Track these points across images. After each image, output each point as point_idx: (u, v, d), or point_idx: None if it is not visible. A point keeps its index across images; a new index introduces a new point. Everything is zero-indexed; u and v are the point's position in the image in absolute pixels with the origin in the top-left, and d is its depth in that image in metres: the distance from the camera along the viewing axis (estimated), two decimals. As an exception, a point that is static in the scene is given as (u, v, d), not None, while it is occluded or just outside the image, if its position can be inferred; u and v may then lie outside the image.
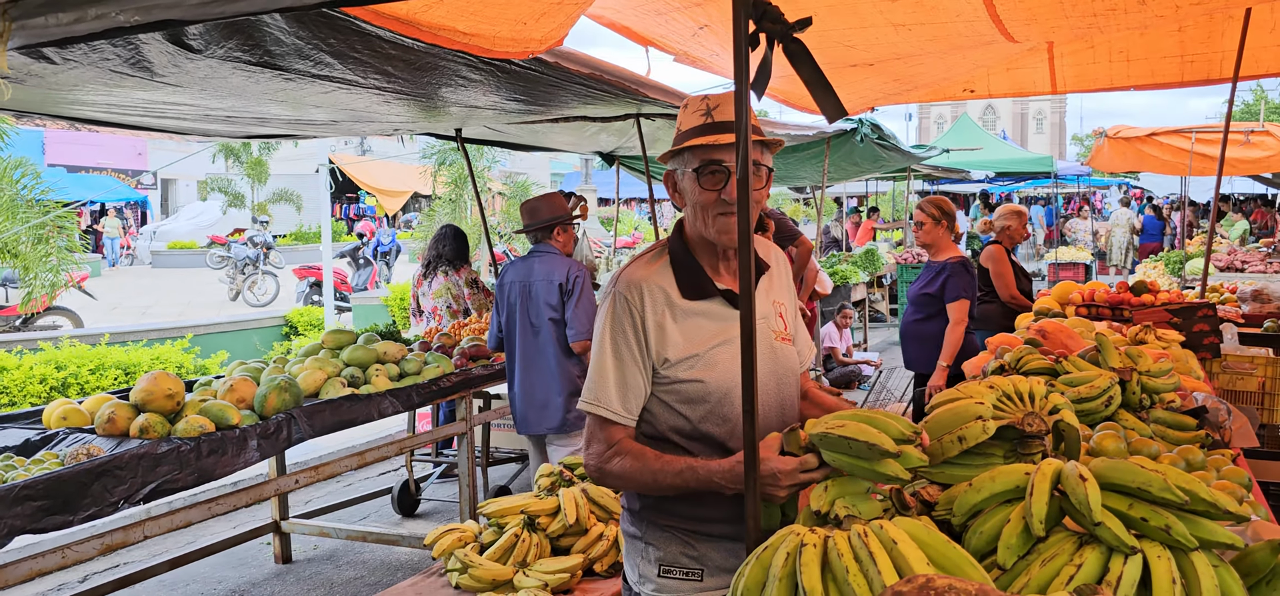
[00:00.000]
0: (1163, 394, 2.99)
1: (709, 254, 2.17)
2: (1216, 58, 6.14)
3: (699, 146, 2.08)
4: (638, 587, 2.22)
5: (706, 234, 2.12)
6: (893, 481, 1.81)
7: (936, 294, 5.64)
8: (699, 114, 2.11)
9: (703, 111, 2.11)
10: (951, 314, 5.55)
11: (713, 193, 2.08)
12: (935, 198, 5.96)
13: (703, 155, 2.08)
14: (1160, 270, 11.57)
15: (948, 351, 5.50)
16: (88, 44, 3.05)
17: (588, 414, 2.13)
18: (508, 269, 5.31)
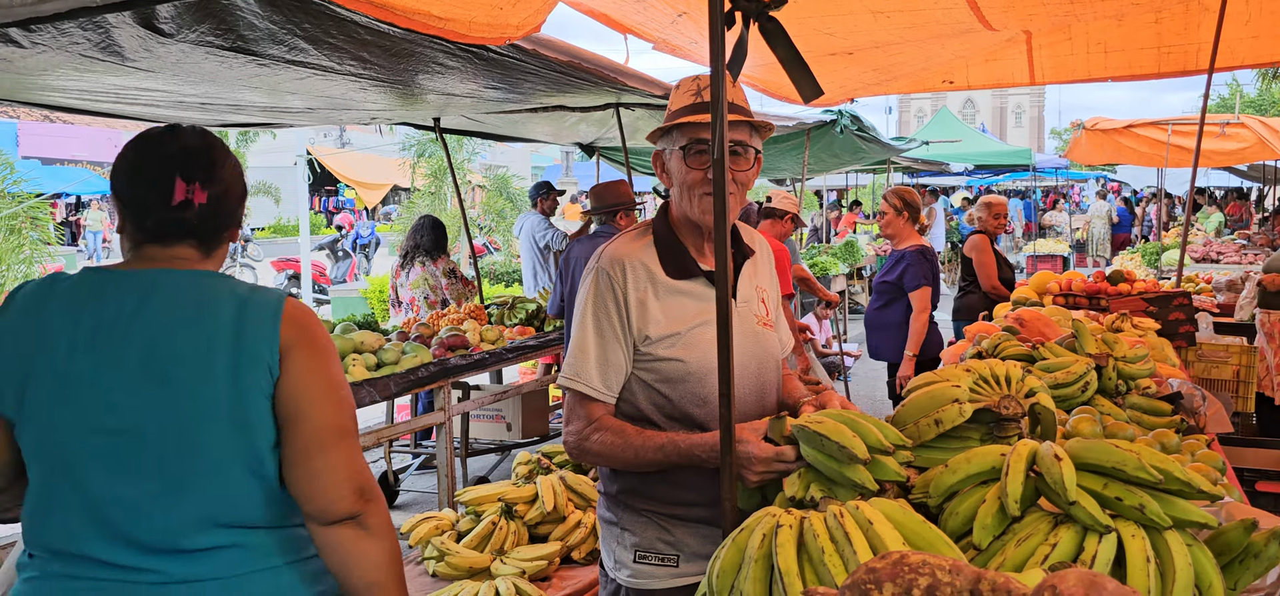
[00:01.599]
0: (1138, 380, 3.00)
1: (693, 234, 2.16)
2: (1192, 49, 6.19)
3: (687, 125, 2.07)
4: (614, 573, 2.21)
5: (691, 213, 2.12)
6: (859, 489, 1.78)
7: (895, 282, 5.72)
8: (689, 93, 2.11)
9: (693, 91, 2.10)
10: (914, 302, 5.59)
11: (698, 172, 2.07)
12: (899, 188, 6.02)
13: (690, 134, 2.07)
14: (1137, 261, 11.66)
15: (913, 340, 5.57)
16: (55, 26, 3.00)
17: (567, 390, 2.12)
18: (573, 246, 5.89)
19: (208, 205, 1.83)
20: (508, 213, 16.27)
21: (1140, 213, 23.73)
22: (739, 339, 2.13)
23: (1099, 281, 5.34)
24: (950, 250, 19.19)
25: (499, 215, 16.20)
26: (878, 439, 1.80)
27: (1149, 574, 1.46)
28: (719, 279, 1.78)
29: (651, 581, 2.15)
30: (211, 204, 1.84)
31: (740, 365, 2.12)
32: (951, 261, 18.75)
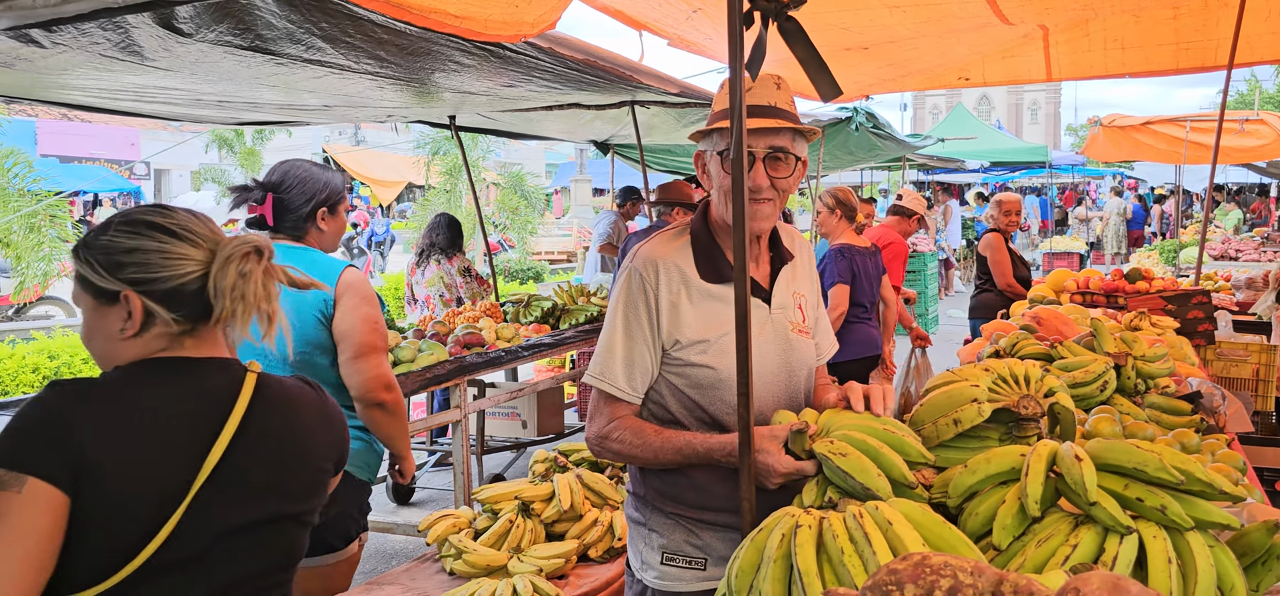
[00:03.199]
0: (1157, 379, 2.99)
1: (730, 237, 2.13)
2: (1211, 45, 6.14)
3: (728, 129, 2.02)
4: (640, 574, 2.20)
5: (729, 218, 2.07)
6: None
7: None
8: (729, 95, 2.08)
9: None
10: (829, 298, 5.50)
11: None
12: (835, 188, 6.03)
13: (727, 139, 2.02)
14: (1155, 258, 11.59)
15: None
16: (76, 27, 3.02)
17: (592, 388, 2.12)
18: (631, 238, 6.21)
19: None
20: (522, 210, 16.29)
21: (1159, 211, 23.57)
22: (771, 346, 2.12)
23: (1117, 279, 5.31)
24: (965, 248, 19.11)
25: (514, 212, 16.23)
26: (902, 473, 1.76)
27: (1171, 575, 1.46)
28: (738, 280, 1.78)
29: (678, 584, 2.14)
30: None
31: (770, 373, 2.11)
32: (966, 259, 18.68)
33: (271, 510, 1.71)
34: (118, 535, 1.53)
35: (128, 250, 1.62)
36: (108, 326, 1.64)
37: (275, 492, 1.71)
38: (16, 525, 1.43)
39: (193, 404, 1.63)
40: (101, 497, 1.51)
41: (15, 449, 1.48)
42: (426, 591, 2.97)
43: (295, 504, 1.76)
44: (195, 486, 1.58)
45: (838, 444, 1.80)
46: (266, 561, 1.73)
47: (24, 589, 1.43)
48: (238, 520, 1.65)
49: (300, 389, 1.83)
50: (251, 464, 1.66)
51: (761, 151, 2.03)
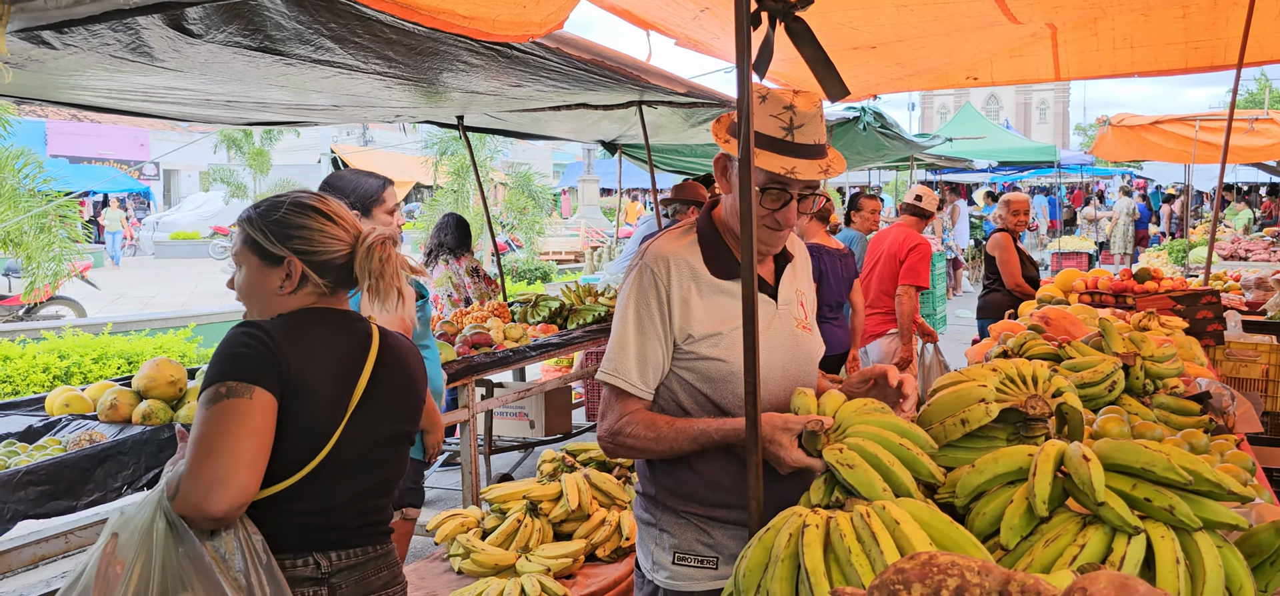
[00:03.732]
0: (1166, 379, 2.98)
1: (738, 238, 2.14)
2: (1221, 44, 6.12)
3: (769, 168, 1.99)
4: (651, 574, 2.21)
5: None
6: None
7: None
8: (778, 125, 2.01)
9: (784, 124, 2.00)
10: None
11: (766, 210, 2.06)
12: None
13: (769, 172, 2.00)
14: (1164, 258, 11.55)
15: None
16: (87, 28, 3.04)
17: (605, 384, 2.12)
18: (649, 236, 6.22)
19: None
20: (530, 210, 16.30)
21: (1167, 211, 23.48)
22: (778, 342, 2.14)
23: (1125, 279, 5.29)
24: (973, 248, 19.07)
25: (521, 212, 16.24)
26: (908, 486, 1.76)
27: (1179, 575, 1.46)
28: (745, 279, 1.78)
29: (690, 583, 2.15)
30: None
31: (779, 367, 2.13)
32: (974, 259, 18.64)
33: (396, 428, 2.15)
34: (302, 439, 1.94)
35: (296, 226, 2.06)
36: (269, 283, 2.08)
37: (397, 413, 2.15)
38: (252, 424, 1.85)
39: (344, 342, 2.08)
40: (298, 408, 1.93)
41: (242, 367, 1.90)
42: (435, 590, 2.98)
43: (408, 424, 2.21)
44: (352, 403, 2.01)
45: (847, 453, 1.80)
46: (390, 471, 2.17)
47: (259, 473, 1.86)
48: (377, 434, 2.09)
49: (402, 338, 2.25)
50: (384, 390, 2.10)
51: (799, 190, 2.05)
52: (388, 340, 2.17)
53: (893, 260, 6.38)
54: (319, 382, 1.96)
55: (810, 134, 2.02)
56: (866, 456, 1.79)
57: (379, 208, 3.53)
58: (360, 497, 2.07)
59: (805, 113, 2.00)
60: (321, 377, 1.97)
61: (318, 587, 2.01)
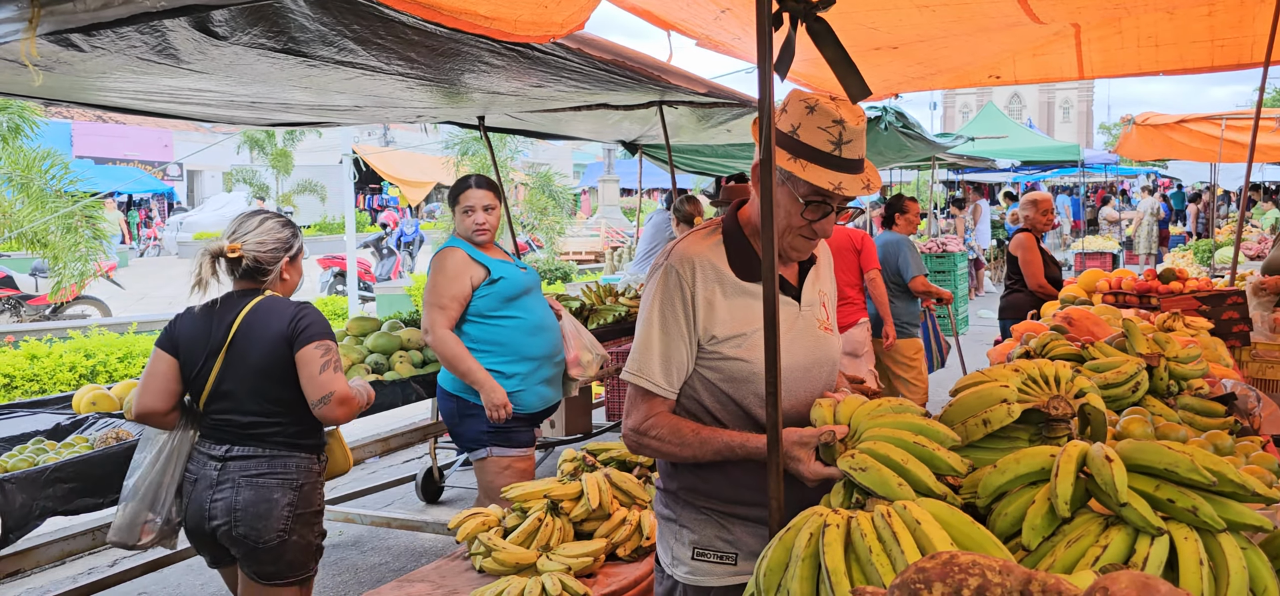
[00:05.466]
0: (1190, 380, 2.96)
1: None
2: (1247, 42, 6.05)
3: (815, 182, 1.99)
4: (670, 569, 2.22)
5: (776, 242, 2.08)
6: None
7: None
8: (827, 138, 1.99)
9: (833, 139, 1.99)
10: None
11: (803, 222, 2.06)
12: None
13: (813, 184, 2.00)
14: (1188, 258, 11.44)
15: None
16: (114, 30, 3.08)
17: (630, 384, 2.13)
18: (662, 233, 6.40)
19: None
20: (550, 210, 16.34)
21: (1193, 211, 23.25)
22: (801, 343, 2.15)
23: (1150, 280, 5.26)
24: (995, 248, 18.95)
25: (542, 213, 16.28)
26: (929, 486, 1.75)
27: (1202, 577, 1.45)
28: (766, 281, 1.79)
29: (709, 578, 2.16)
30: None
31: (803, 368, 2.14)
32: (996, 259, 18.53)
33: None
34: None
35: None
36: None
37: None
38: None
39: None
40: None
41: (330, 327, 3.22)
42: (456, 589, 3.00)
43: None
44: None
45: (859, 458, 1.79)
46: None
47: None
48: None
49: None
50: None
51: (838, 203, 2.05)
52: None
53: (851, 253, 6.60)
54: None
55: (856, 149, 2.01)
56: (878, 457, 1.79)
57: (463, 199, 4.19)
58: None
59: (854, 128, 1.99)
60: None
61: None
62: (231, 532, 3.10)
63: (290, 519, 3.14)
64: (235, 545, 3.13)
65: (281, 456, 3.16)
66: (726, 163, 10.66)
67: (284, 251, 3.28)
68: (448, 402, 4.16)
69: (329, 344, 3.15)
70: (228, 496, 3.10)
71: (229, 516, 3.09)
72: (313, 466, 3.25)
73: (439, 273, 4.02)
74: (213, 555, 3.31)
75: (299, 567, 3.22)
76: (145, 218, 32.38)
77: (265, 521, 3.10)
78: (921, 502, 1.61)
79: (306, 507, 3.20)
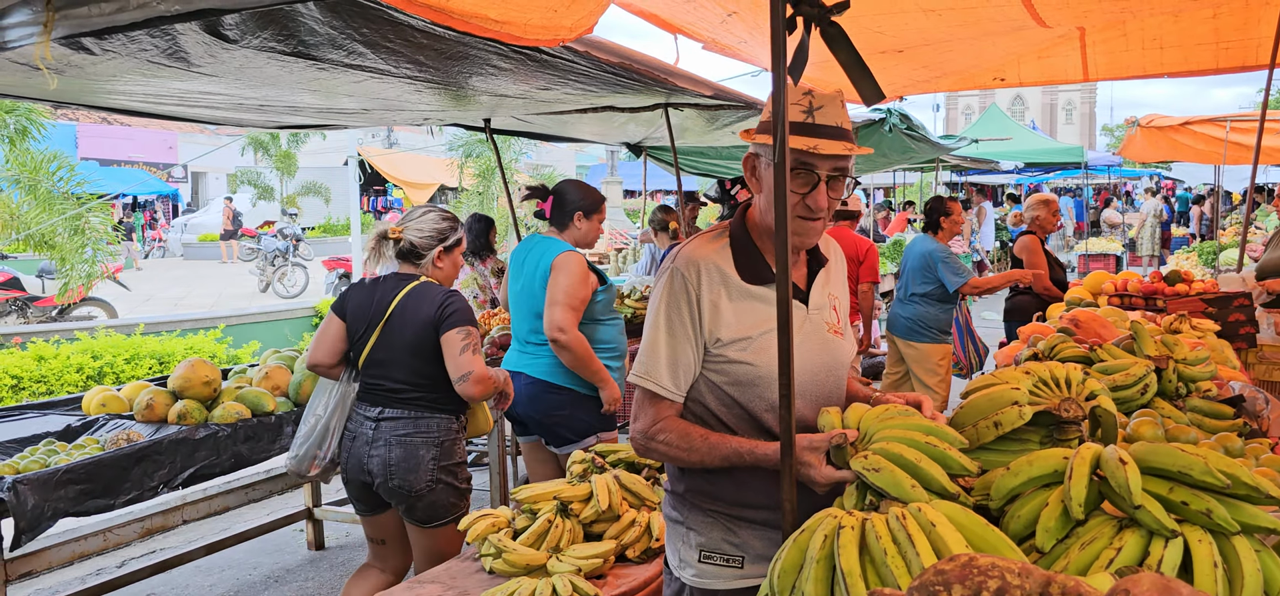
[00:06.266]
0: (1199, 382, 2.96)
1: (771, 241, 2.13)
2: (1252, 44, 6.06)
3: (794, 148, 2.01)
4: (678, 572, 2.22)
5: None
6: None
7: None
8: (799, 109, 2.03)
9: (804, 108, 2.03)
10: None
11: (796, 195, 2.05)
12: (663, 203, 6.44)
13: (797, 156, 2.03)
14: (1193, 260, 11.43)
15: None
16: (126, 34, 3.09)
17: (637, 387, 2.14)
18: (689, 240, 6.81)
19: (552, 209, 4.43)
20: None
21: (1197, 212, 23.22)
22: (809, 347, 2.14)
23: (1156, 282, 5.25)
24: (999, 249, 18.94)
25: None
26: (942, 485, 1.75)
27: (1217, 579, 1.46)
28: (780, 283, 1.79)
29: (716, 581, 2.16)
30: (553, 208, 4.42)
31: (810, 372, 2.13)
32: (1000, 260, 18.52)
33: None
34: None
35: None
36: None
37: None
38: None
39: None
40: None
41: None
42: (467, 590, 3.01)
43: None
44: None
45: (872, 458, 1.80)
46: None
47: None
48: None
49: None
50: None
51: (826, 172, 2.05)
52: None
53: (852, 263, 6.88)
54: None
55: (830, 116, 2.03)
56: (892, 457, 1.80)
57: (599, 216, 4.52)
58: None
59: (823, 95, 2.03)
60: None
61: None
62: (387, 484, 3.58)
63: (435, 470, 3.59)
64: (391, 495, 3.61)
65: (425, 417, 3.61)
66: (732, 165, 10.67)
67: (438, 241, 3.75)
68: (554, 395, 4.28)
69: (470, 329, 3.59)
70: (382, 453, 3.57)
71: (384, 471, 3.57)
72: (452, 425, 3.69)
73: (568, 276, 4.17)
74: (368, 504, 3.75)
75: (448, 509, 3.66)
76: (150, 219, 32.41)
77: (414, 474, 3.56)
78: (936, 504, 1.62)
79: (449, 460, 3.65)
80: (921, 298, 6.73)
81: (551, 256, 4.20)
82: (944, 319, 6.81)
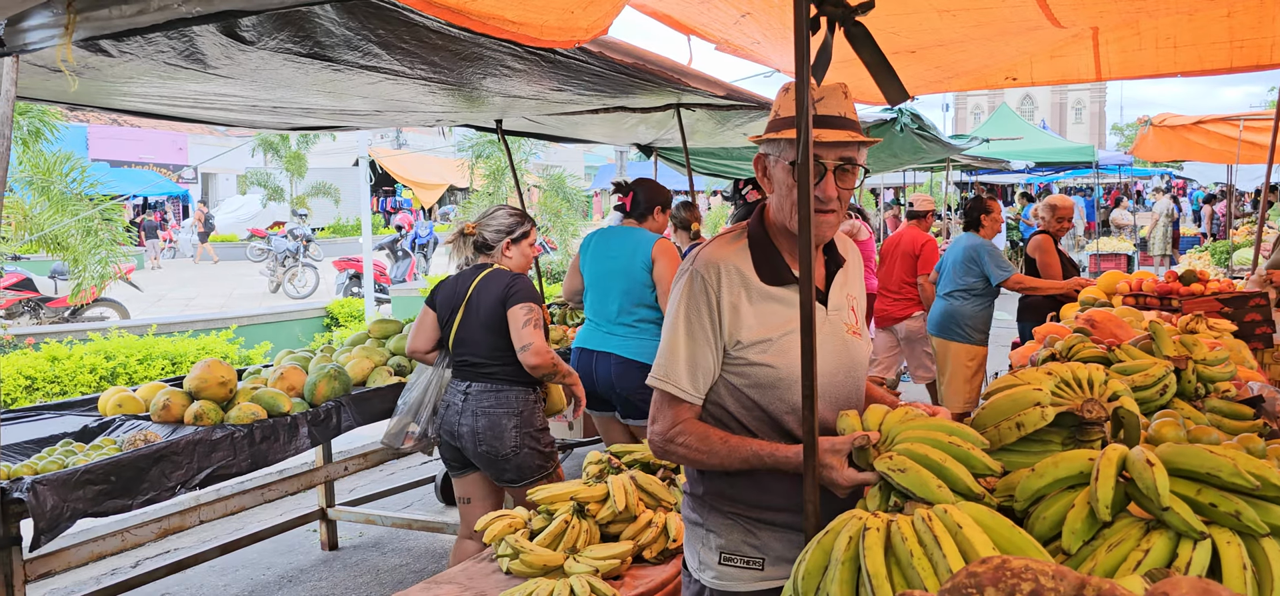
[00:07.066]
0: (1218, 383, 2.94)
1: (789, 240, 2.14)
2: (1267, 43, 6.02)
3: (791, 139, 2.02)
4: (697, 574, 2.22)
5: (791, 225, 2.09)
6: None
7: None
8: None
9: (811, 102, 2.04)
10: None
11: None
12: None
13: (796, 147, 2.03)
14: (1206, 260, 11.38)
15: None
16: (144, 36, 3.10)
17: (656, 389, 2.14)
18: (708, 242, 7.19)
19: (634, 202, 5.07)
20: (564, 212, 16.36)
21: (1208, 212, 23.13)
22: (829, 347, 2.13)
23: (1171, 281, 5.23)
24: (1011, 249, 18.88)
25: (556, 215, 16.30)
26: (967, 486, 1.74)
27: (1246, 582, 1.45)
28: (803, 284, 1.79)
29: (736, 584, 2.15)
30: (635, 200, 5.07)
31: (829, 373, 2.12)
32: (1012, 260, 18.46)
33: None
34: None
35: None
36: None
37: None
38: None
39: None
40: None
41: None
42: (484, 590, 3.01)
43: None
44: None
45: (897, 459, 1.79)
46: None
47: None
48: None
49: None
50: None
51: (832, 163, 2.04)
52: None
53: (909, 257, 7.79)
54: None
55: (831, 107, 2.03)
56: (917, 458, 1.79)
57: (667, 212, 5.22)
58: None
59: (824, 87, 2.02)
60: None
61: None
62: (476, 449, 4.08)
63: (518, 436, 4.06)
64: (479, 459, 4.11)
65: (505, 389, 4.08)
66: (743, 166, 10.66)
67: (506, 234, 4.26)
68: (645, 374, 4.98)
69: (532, 305, 4.06)
70: (470, 422, 4.06)
71: (473, 437, 4.06)
72: (530, 396, 4.15)
73: (673, 261, 4.85)
74: (458, 464, 4.27)
75: (532, 471, 4.09)
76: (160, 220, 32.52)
77: (500, 439, 4.04)
78: (961, 506, 1.61)
79: (530, 427, 4.11)
80: (961, 293, 6.74)
81: (649, 245, 4.84)
82: (980, 318, 6.79)
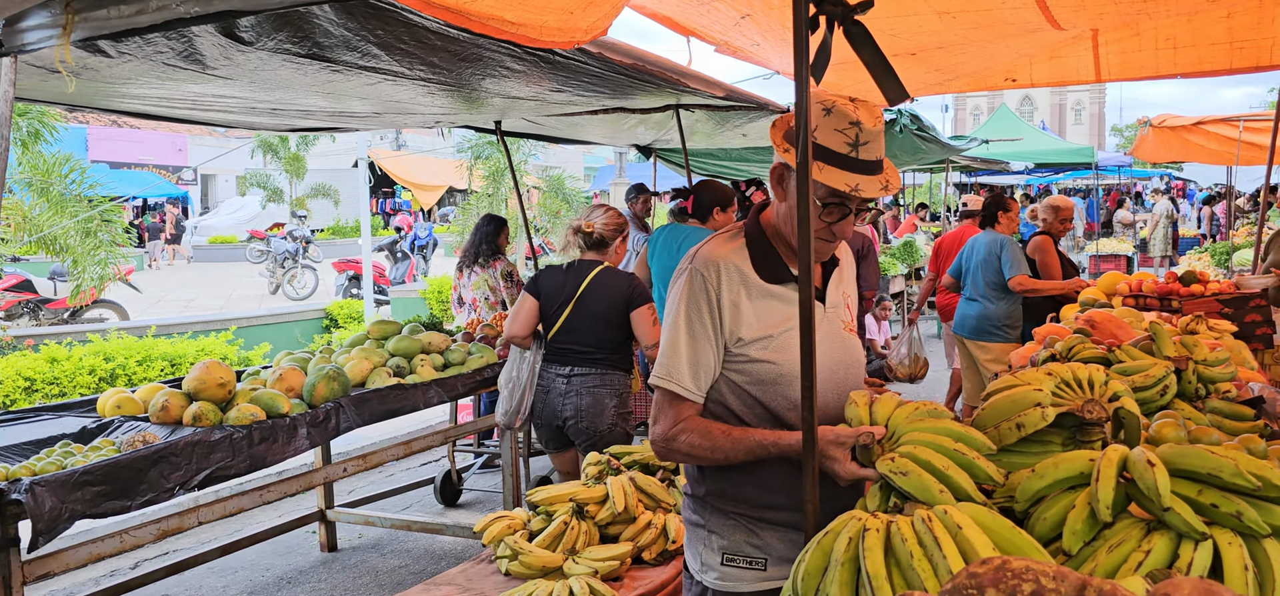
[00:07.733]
0: (1218, 384, 2.94)
1: (787, 240, 2.15)
2: (1266, 44, 6.02)
3: (834, 184, 1.98)
4: (699, 576, 2.22)
5: (793, 241, 2.08)
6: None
7: None
8: (843, 140, 1.98)
9: (850, 140, 1.98)
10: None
11: (823, 224, 2.05)
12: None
13: (836, 195, 2.00)
14: (1205, 261, 11.38)
15: None
16: (143, 36, 3.09)
17: (657, 388, 2.13)
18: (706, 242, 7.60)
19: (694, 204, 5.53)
20: (564, 213, 16.37)
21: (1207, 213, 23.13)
22: (827, 344, 2.14)
23: (1171, 282, 5.22)
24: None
25: (555, 216, 16.31)
26: (967, 489, 1.75)
27: (1247, 583, 1.44)
28: (802, 283, 1.79)
29: (739, 584, 2.15)
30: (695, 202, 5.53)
31: (828, 370, 2.13)
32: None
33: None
34: None
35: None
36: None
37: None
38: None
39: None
40: None
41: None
42: (484, 591, 3.01)
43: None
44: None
45: (900, 462, 1.78)
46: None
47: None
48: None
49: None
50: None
51: (856, 204, 2.04)
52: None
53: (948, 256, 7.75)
54: None
55: (873, 150, 2.00)
56: (920, 462, 1.78)
57: (733, 208, 5.48)
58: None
59: (870, 129, 1.98)
60: None
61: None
62: (577, 426, 4.51)
63: (616, 415, 4.52)
64: (579, 436, 4.55)
65: (608, 373, 4.53)
66: (742, 166, 10.67)
67: (618, 233, 4.70)
68: None
69: (652, 305, 4.52)
70: (574, 402, 4.51)
71: (576, 415, 4.50)
72: (626, 380, 4.60)
73: None
74: (557, 443, 4.71)
75: (621, 440, 4.44)
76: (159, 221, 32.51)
77: (600, 418, 4.50)
78: (962, 507, 1.60)
79: (624, 408, 4.59)
80: (994, 292, 6.68)
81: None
82: (1014, 314, 6.74)
